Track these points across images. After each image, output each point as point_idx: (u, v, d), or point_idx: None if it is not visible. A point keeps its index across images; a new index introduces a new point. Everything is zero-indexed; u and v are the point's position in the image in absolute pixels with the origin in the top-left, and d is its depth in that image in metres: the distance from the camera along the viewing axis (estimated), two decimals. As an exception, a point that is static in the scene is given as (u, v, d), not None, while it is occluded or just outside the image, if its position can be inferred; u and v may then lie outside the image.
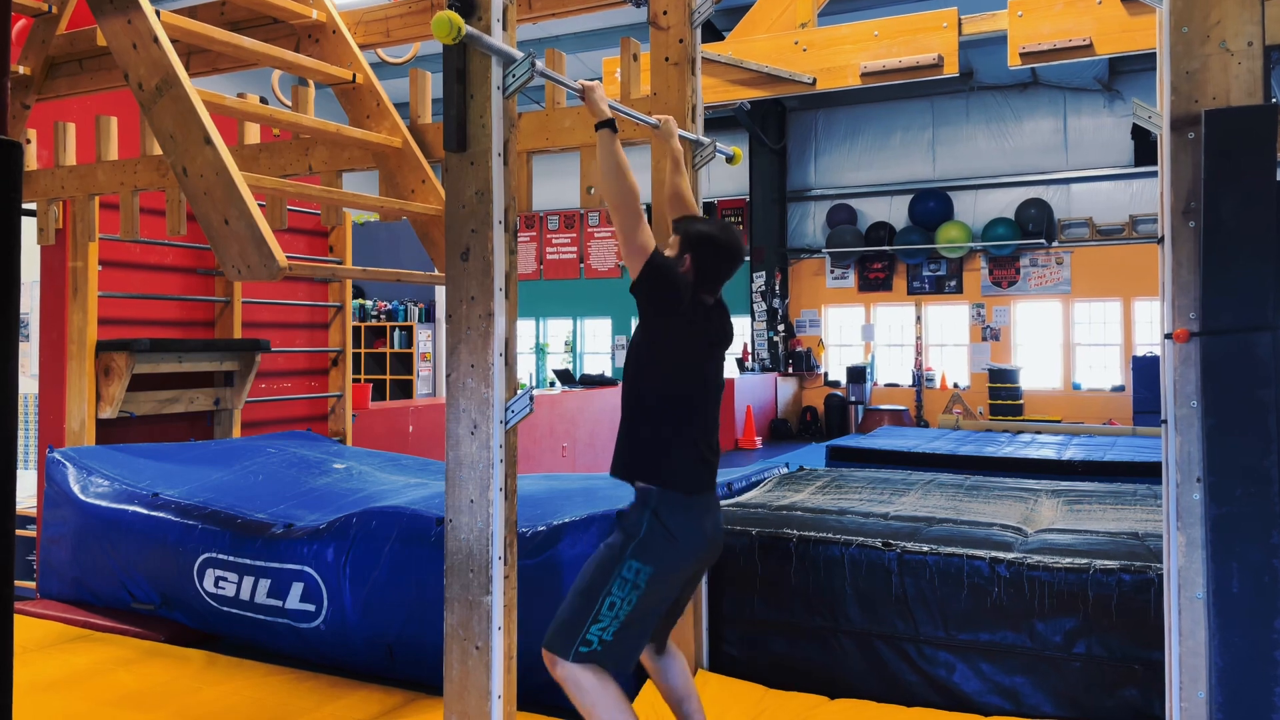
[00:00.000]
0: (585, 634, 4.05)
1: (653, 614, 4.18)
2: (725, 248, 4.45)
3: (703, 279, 4.39)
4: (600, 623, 4.05)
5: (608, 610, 4.05)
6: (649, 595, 4.09)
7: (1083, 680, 4.97)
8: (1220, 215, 3.62)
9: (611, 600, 4.05)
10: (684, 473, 4.21)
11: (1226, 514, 3.60)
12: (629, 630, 4.08)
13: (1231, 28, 3.69)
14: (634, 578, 4.06)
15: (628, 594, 4.05)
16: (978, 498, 7.00)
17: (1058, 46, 5.87)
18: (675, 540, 4.13)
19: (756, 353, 23.88)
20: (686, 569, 4.26)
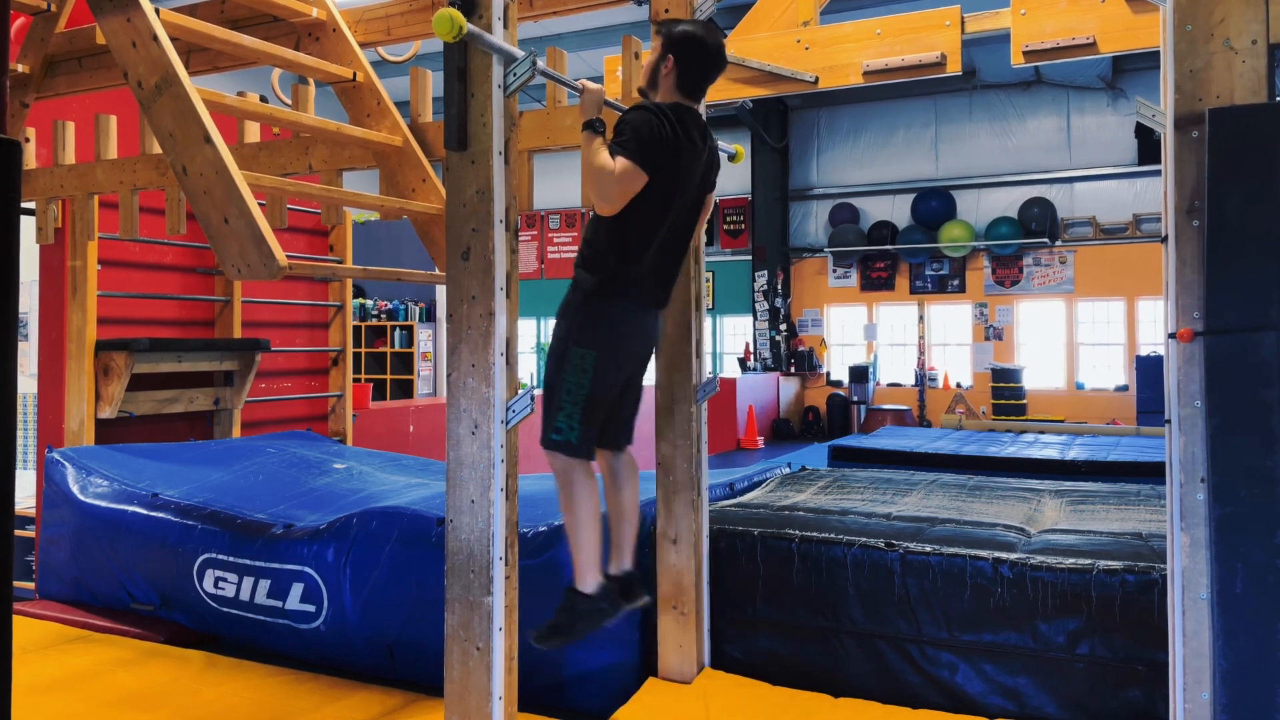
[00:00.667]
0: (554, 421, 4.44)
1: (604, 396, 4.54)
2: (708, 47, 4.61)
3: (685, 80, 4.62)
4: (563, 409, 4.44)
5: (565, 396, 4.44)
6: (598, 378, 4.45)
7: (1086, 681, 4.94)
8: (1224, 214, 3.61)
9: (568, 386, 4.44)
10: (614, 283, 4.49)
11: (1230, 514, 3.59)
12: (589, 414, 4.46)
13: (1235, 26, 3.69)
14: (580, 362, 4.42)
15: (579, 379, 4.42)
16: (981, 498, 6.99)
17: (1061, 45, 5.84)
18: (607, 324, 4.50)
19: (759, 352, 23.86)
20: (625, 350, 4.60)
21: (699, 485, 5.53)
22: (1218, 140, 3.64)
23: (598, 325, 4.46)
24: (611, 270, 4.46)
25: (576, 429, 4.41)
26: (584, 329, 4.44)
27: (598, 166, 4.32)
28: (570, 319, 4.49)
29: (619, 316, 4.52)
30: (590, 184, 4.36)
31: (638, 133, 4.35)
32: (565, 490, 4.48)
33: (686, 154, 4.56)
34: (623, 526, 4.84)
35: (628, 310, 4.55)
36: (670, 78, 4.59)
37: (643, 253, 4.51)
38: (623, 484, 4.86)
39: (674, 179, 4.52)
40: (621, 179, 4.29)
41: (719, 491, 6.96)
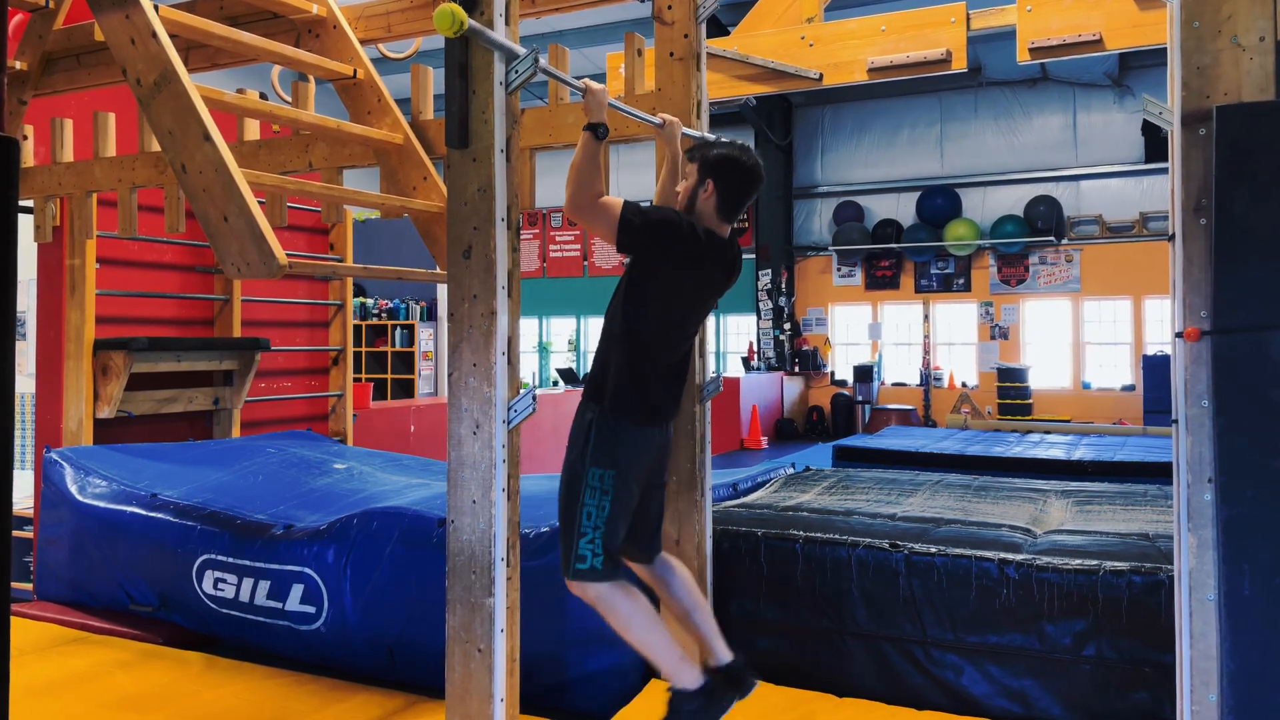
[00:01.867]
0: (576, 551, 4.29)
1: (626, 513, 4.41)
2: (747, 169, 4.55)
3: (725, 205, 4.54)
4: (584, 535, 4.28)
5: (585, 521, 4.29)
6: (618, 496, 4.32)
7: (1092, 683, 4.93)
8: (1232, 212, 3.61)
9: (587, 511, 4.29)
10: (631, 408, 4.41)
11: (1238, 515, 3.58)
12: (612, 532, 4.32)
13: (1243, 22, 3.69)
14: (600, 484, 4.30)
15: (599, 500, 4.29)
16: (986, 498, 6.97)
17: (1067, 42, 5.83)
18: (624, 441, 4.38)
19: (762, 352, 23.84)
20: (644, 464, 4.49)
21: (702, 485, 5.52)
22: (1225, 138, 3.64)
23: (614, 444, 4.36)
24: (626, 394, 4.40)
25: (601, 554, 4.28)
26: (599, 449, 4.34)
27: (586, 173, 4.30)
28: (583, 442, 4.38)
29: (636, 434, 4.43)
30: (570, 182, 4.30)
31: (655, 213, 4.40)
32: (610, 614, 4.35)
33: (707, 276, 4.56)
34: (695, 617, 4.69)
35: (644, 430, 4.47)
36: (710, 202, 4.51)
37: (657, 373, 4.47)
38: (671, 581, 4.74)
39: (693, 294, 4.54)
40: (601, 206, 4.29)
41: (722, 492, 6.94)
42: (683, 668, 4.40)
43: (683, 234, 4.37)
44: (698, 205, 4.55)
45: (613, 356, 4.45)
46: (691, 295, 4.55)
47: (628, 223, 4.28)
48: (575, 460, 4.38)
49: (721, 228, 4.57)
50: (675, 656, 4.39)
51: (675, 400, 4.64)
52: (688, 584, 4.75)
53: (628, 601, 4.33)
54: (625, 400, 4.39)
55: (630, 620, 4.33)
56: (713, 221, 4.54)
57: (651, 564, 4.74)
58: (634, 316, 4.43)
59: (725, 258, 4.62)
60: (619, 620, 4.35)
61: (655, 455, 4.60)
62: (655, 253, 4.38)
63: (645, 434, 4.47)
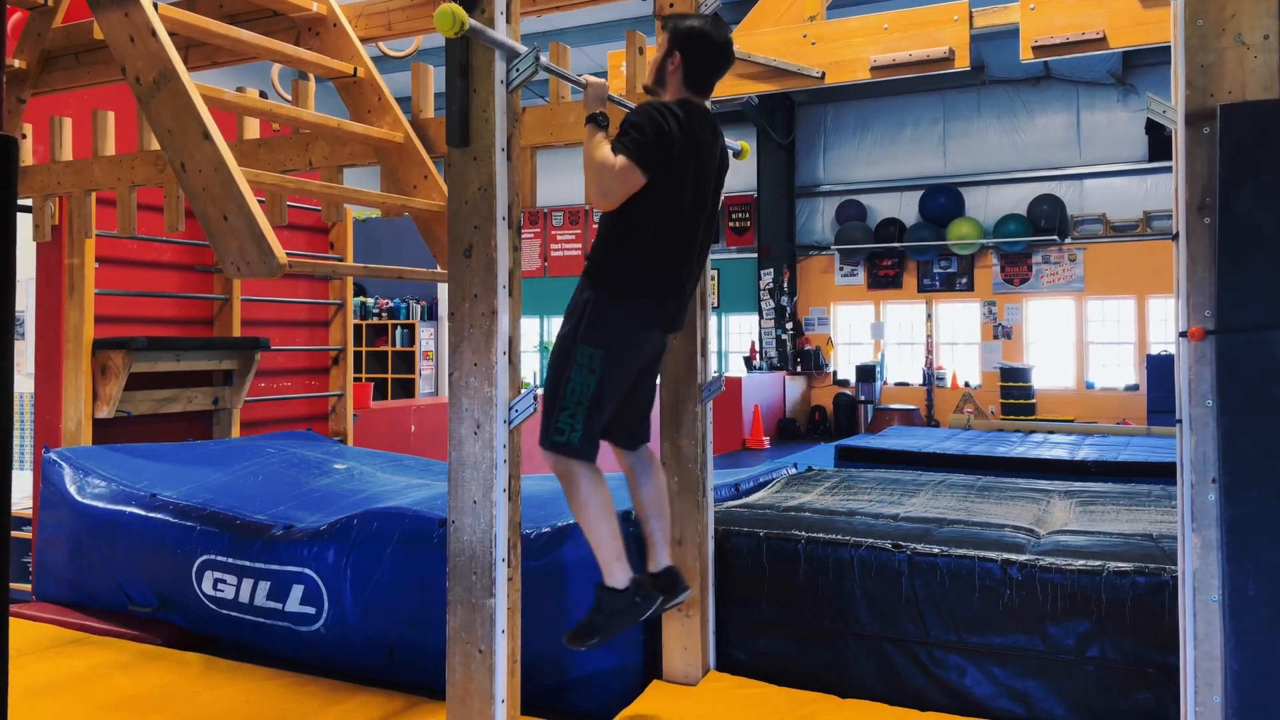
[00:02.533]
0: (556, 422, 4.38)
1: (611, 396, 4.49)
2: (715, 43, 4.58)
3: (693, 76, 4.59)
4: (566, 409, 4.37)
5: (570, 397, 4.37)
6: (605, 376, 4.40)
7: (1096, 684, 4.91)
8: (1236, 211, 3.59)
9: (571, 386, 4.37)
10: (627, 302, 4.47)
11: (1242, 515, 3.56)
12: (593, 414, 4.40)
13: (1247, 21, 3.67)
14: (588, 362, 4.37)
15: (585, 378, 4.37)
16: (989, 499, 6.95)
17: (1070, 40, 5.81)
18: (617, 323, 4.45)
19: (764, 351, 23.84)
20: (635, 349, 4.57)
21: (704, 486, 5.51)
22: (1229, 136, 3.62)
23: (607, 324, 4.41)
24: (623, 272, 4.44)
25: (579, 430, 4.36)
26: (593, 327, 4.39)
27: (598, 161, 4.31)
28: (577, 318, 4.43)
29: (630, 316, 4.46)
30: (590, 178, 4.34)
31: (640, 130, 4.33)
32: (570, 490, 4.44)
33: (695, 152, 4.53)
34: (653, 523, 4.81)
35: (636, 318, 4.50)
36: (678, 74, 4.56)
37: (654, 255, 4.48)
38: (644, 480, 4.84)
39: (682, 177, 4.49)
40: (620, 175, 4.27)
41: (724, 492, 6.92)
42: (616, 565, 4.48)
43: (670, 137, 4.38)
44: (666, 75, 4.61)
45: (611, 232, 4.50)
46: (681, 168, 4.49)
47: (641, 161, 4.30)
48: (567, 334, 4.45)
49: (693, 98, 4.61)
50: (614, 553, 4.47)
51: (674, 313, 4.67)
52: (659, 489, 4.86)
53: (589, 484, 4.42)
54: (621, 294, 4.44)
55: (586, 502, 4.42)
56: (683, 92, 4.59)
57: (633, 452, 4.85)
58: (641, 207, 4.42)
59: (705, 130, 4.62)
60: (576, 499, 4.44)
61: (648, 353, 4.69)
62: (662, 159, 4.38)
63: (640, 332, 4.53)
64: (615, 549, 4.47)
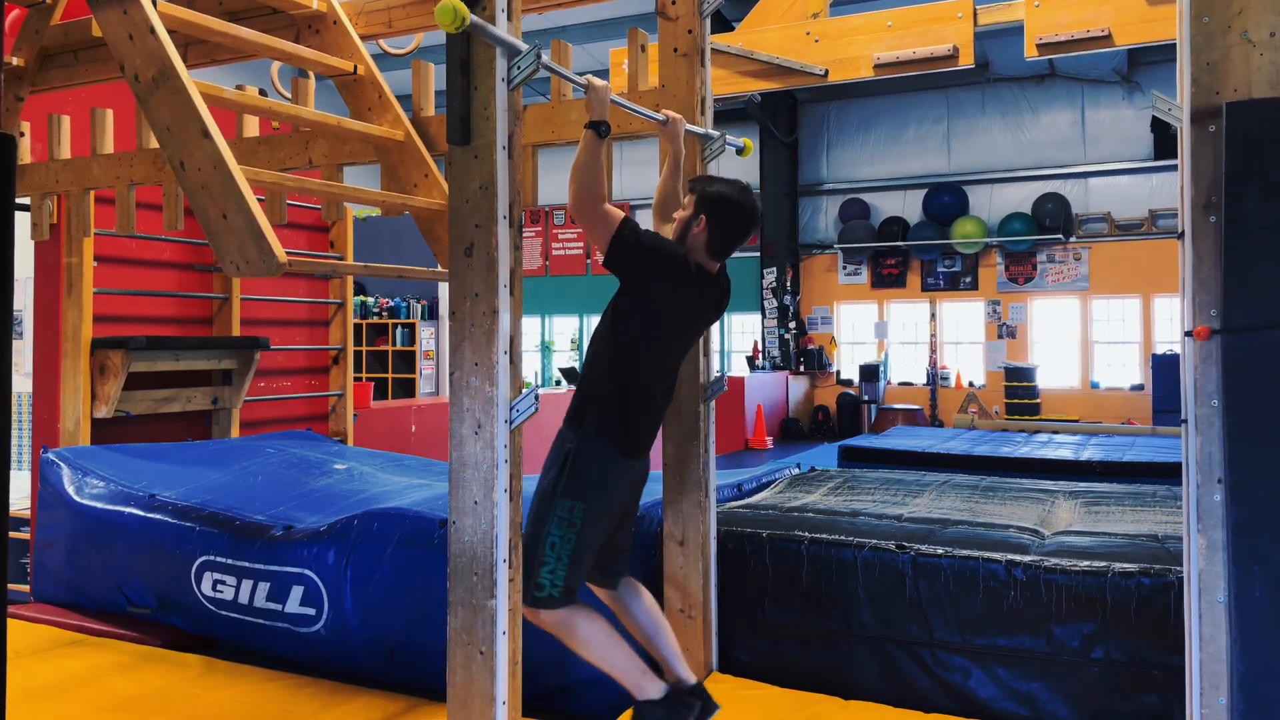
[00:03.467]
0: (536, 578, 4.26)
1: (592, 547, 4.39)
2: (743, 212, 4.55)
3: (715, 243, 4.54)
4: (546, 564, 4.26)
5: (549, 552, 4.27)
6: (586, 530, 4.30)
7: (1101, 686, 4.89)
8: (1242, 210, 3.58)
9: (552, 541, 4.28)
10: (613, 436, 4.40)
11: (1248, 516, 3.55)
12: (575, 568, 4.30)
13: (1254, 18, 3.66)
14: (568, 515, 4.28)
15: (565, 532, 4.27)
16: (993, 499, 6.93)
17: (1075, 37, 5.81)
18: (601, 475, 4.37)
19: (767, 351, 23.82)
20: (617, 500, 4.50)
21: (706, 486, 5.48)
22: (1235, 135, 3.61)
23: (590, 477, 4.35)
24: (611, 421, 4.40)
25: (560, 585, 4.27)
26: (574, 479, 4.33)
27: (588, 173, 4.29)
28: (558, 470, 4.38)
29: (614, 467, 4.42)
30: (572, 185, 4.29)
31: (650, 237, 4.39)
32: (568, 638, 4.37)
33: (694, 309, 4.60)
34: (657, 642, 4.68)
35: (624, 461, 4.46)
36: (701, 238, 4.53)
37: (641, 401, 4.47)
38: (633, 608, 4.74)
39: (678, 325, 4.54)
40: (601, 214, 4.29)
41: (727, 493, 6.90)
42: (645, 680, 4.42)
43: (674, 264, 4.40)
44: (689, 238, 4.56)
45: (597, 382, 4.45)
46: (677, 325, 4.55)
47: (621, 239, 4.28)
48: (548, 488, 4.37)
49: (710, 264, 4.58)
50: (638, 672, 4.42)
51: (654, 432, 4.64)
52: (650, 609, 4.75)
53: (586, 623, 4.35)
54: (608, 428, 4.39)
55: (589, 641, 4.36)
56: (702, 256, 4.55)
57: (615, 590, 4.74)
58: (621, 343, 4.42)
59: (713, 292, 4.64)
60: (578, 643, 4.37)
61: (630, 488, 4.61)
62: (642, 277, 4.39)
63: (623, 465, 4.46)
64: (637, 667, 4.43)
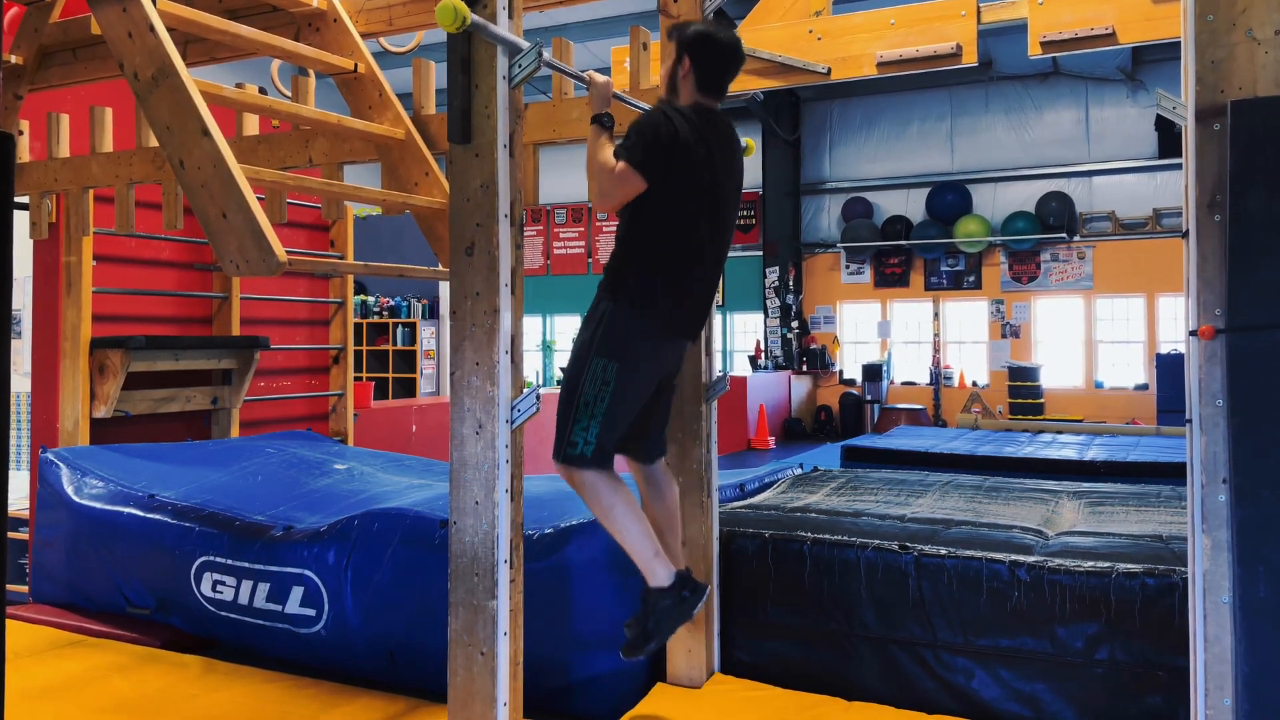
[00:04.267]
0: (569, 435, 4.36)
1: (626, 410, 4.46)
2: (723, 43, 4.59)
3: (706, 79, 4.59)
4: (580, 422, 4.35)
5: (584, 409, 4.35)
6: (619, 390, 4.36)
7: (1105, 687, 4.87)
8: (1247, 208, 3.58)
9: (585, 399, 4.34)
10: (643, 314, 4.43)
11: (1253, 516, 3.54)
12: (609, 427, 4.36)
13: (1258, 16, 3.65)
14: (602, 374, 4.34)
15: (599, 391, 4.33)
16: (997, 499, 6.92)
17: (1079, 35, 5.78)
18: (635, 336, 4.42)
19: (770, 350, 23.82)
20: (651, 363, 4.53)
21: (709, 486, 5.47)
22: (1240, 133, 3.60)
23: (623, 336, 4.39)
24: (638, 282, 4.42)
25: (592, 443, 4.33)
26: (608, 339, 4.37)
27: (600, 163, 4.33)
28: (594, 327, 4.41)
29: (648, 338, 4.46)
30: (591, 180, 4.35)
31: (642, 136, 4.33)
32: (591, 500, 4.42)
33: (708, 155, 4.53)
34: (668, 535, 4.78)
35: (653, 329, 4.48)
36: (689, 80, 4.57)
37: (668, 262, 4.47)
38: (657, 496, 4.82)
39: (693, 182, 4.48)
40: (618, 179, 4.30)
41: (729, 493, 6.90)
42: (657, 564, 4.46)
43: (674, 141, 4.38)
44: (678, 83, 4.61)
45: (630, 237, 4.48)
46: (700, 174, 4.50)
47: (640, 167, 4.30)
48: (583, 345, 4.42)
49: (709, 101, 4.61)
50: (651, 551, 4.46)
51: (697, 315, 4.66)
52: (673, 505, 4.85)
53: (611, 491, 4.39)
54: (639, 303, 4.41)
55: (612, 509, 4.40)
56: (695, 98, 4.59)
57: (649, 465, 4.82)
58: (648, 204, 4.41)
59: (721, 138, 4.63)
60: (600, 508, 4.41)
61: (666, 364, 4.67)
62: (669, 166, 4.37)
63: (658, 340, 4.50)
64: (652, 548, 4.45)
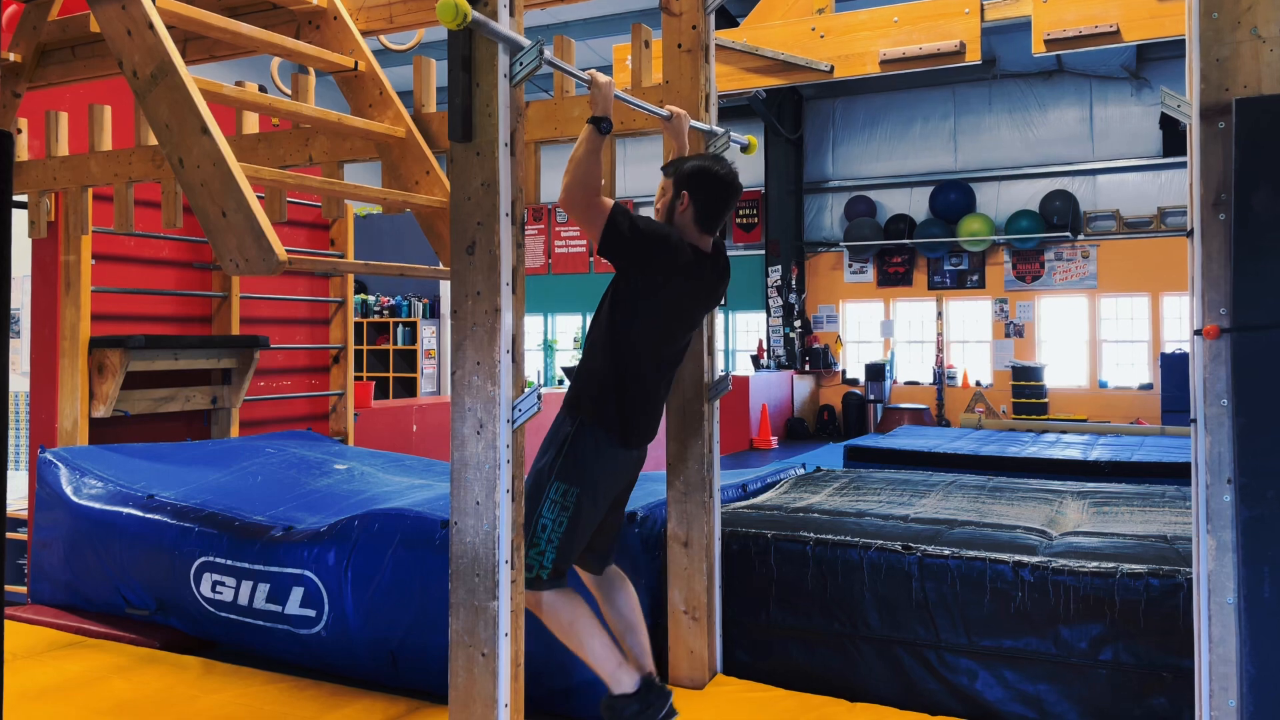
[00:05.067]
0: (525, 560, 4.24)
1: (584, 532, 4.46)
2: (722, 179, 4.59)
3: (702, 217, 4.58)
4: (536, 546, 4.33)
5: (540, 534, 4.33)
6: (579, 514, 4.37)
7: (1109, 688, 4.86)
8: (1252, 207, 3.58)
9: (544, 523, 4.34)
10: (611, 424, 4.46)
11: (1258, 516, 3.54)
12: (565, 551, 4.37)
13: (1263, 14, 3.66)
14: (561, 499, 4.35)
15: (557, 515, 4.34)
16: (1001, 499, 6.90)
17: (1083, 33, 5.78)
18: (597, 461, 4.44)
19: (772, 350, 23.80)
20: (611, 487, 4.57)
21: (711, 486, 5.46)
22: (1245, 131, 3.60)
23: (586, 462, 4.43)
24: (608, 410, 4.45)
25: (548, 567, 4.35)
26: (570, 464, 4.40)
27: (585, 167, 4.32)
28: (555, 452, 4.44)
29: (610, 454, 4.49)
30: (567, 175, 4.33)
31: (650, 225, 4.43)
32: (551, 620, 4.42)
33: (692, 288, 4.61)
34: (629, 639, 4.76)
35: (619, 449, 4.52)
36: (688, 214, 4.58)
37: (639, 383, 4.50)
38: (615, 598, 4.82)
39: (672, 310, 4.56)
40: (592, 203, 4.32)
41: (731, 493, 6.88)
42: (621, 672, 4.46)
43: (669, 246, 4.43)
44: (676, 219, 4.60)
45: (597, 368, 4.49)
46: (676, 309, 4.57)
47: (614, 226, 4.31)
48: (543, 469, 4.43)
49: (703, 240, 4.62)
50: (614, 663, 4.46)
51: (654, 423, 4.68)
52: (632, 603, 4.82)
53: (569, 607, 4.40)
54: (606, 415, 4.44)
55: (571, 625, 4.41)
56: (693, 235, 4.59)
57: (600, 575, 4.82)
58: (618, 329, 4.46)
59: (710, 272, 4.67)
60: (560, 627, 4.41)
61: (624, 476, 4.67)
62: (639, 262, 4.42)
63: (619, 454, 4.51)
64: (615, 659, 4.47)
